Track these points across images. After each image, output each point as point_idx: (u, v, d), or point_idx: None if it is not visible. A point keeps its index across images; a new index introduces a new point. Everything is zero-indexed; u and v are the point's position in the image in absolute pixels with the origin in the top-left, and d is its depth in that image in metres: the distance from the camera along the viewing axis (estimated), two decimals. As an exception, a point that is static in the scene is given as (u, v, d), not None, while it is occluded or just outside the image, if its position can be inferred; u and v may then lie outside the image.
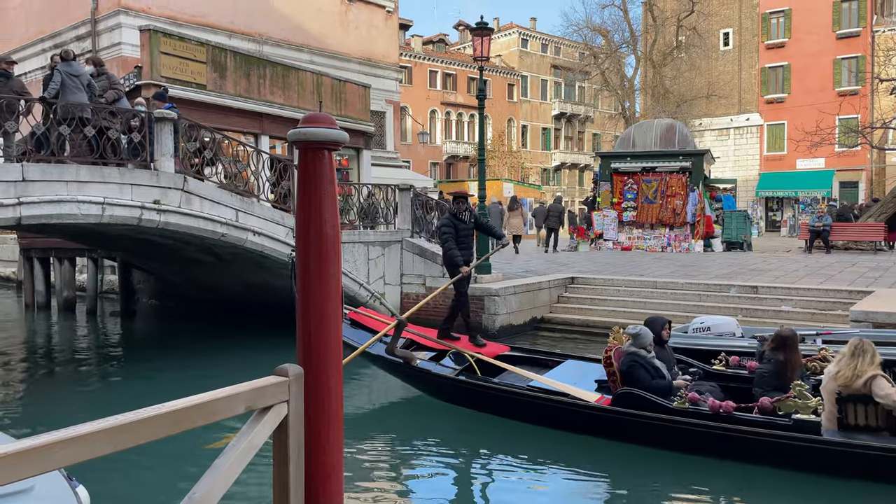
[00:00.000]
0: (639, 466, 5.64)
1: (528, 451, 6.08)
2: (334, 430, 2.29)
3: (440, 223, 8.22)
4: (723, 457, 5.44)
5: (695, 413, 5.53)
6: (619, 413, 5.81)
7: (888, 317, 8.58)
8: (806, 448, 5.11)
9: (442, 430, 6.90)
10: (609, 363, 6.08)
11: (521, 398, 6.43)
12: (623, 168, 21.66)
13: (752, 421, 5.35)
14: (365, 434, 6.87)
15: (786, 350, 5.74)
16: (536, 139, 50.23)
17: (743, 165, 37.44)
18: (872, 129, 28.72)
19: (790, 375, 5.64)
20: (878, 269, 14.43)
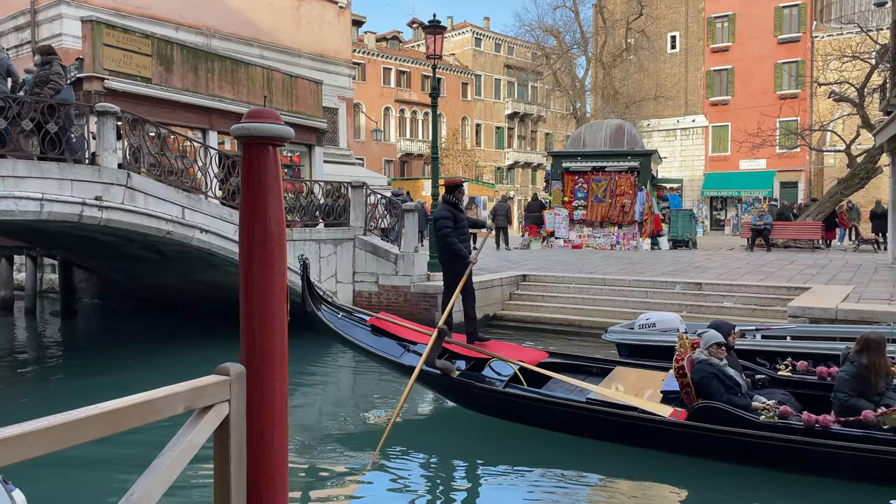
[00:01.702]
0: (720, 483, 5.29)
1: (595, 468, 5.73)
2: (278, 429, 2.27)
3: (438, 215, 7.58)
4: (820, 473, 5.06)
5: (785, 428, 5.11)
6: (699, 429, 5.34)
7: (824, 312, 8.92)
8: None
9: (492, 447, 6.33)
10: (682, 373, 5.59)
11: (584, 412, 5.89)
12: (574, 167, 21.99)
13: (852, 436, 4.92)
14: (413, 453, 6.33)
15: (871, 353, 5.27)
16: (490, 138, 50.53)
17: (689, 166, 38.42)
18: (811, 131, 29.82)
19: (875, 381, 5.28)
20: (816, 267, 15.00)
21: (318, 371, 10.46)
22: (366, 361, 9.93)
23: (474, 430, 6.60)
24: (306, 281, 7.01)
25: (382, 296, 12.63)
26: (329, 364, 11.02)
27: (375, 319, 7.39)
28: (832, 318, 8.72)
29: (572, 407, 5.97)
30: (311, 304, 6.99)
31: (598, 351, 8.87)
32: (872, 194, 27.66)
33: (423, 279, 12.44)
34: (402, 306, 12.32)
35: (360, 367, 10.03)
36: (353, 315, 7.46)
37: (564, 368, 6.90)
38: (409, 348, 7.05)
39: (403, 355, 6.93)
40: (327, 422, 7.48)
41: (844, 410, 5.15)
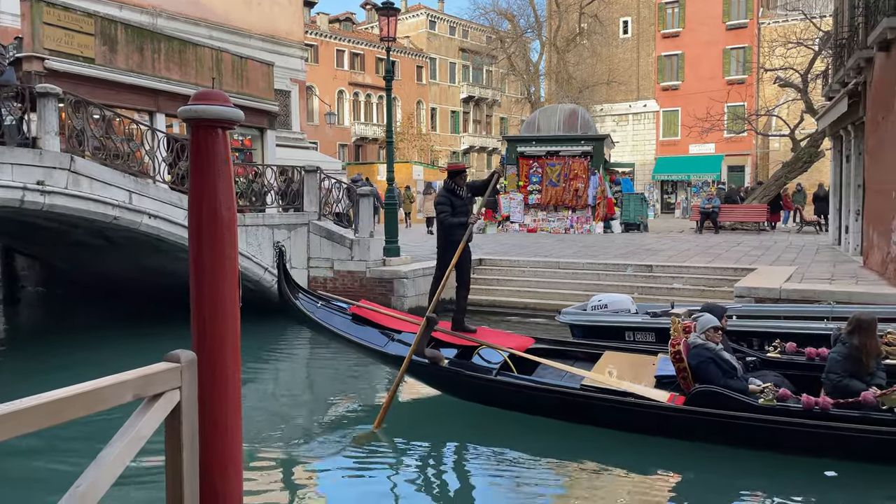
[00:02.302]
0: (719, 467, 5.29)
1: (591, 455, 5.64)
2: (232, 417, 2.24)
3: (437, 201, 7.46)
4: (819, 455, 5.09)
5: (786, 411, 5.13)
6: (698, 413, 5.32)
7: (769, 292, 9.23)
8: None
9: (484, 435, 6.19)
10: (679, 358, 5.54)
11: (579, 399, 5.84)
12: (529, 152, 22.12)
13: (851, 417, 4.96)
14: (398, 443, 6.17)
15: (862, 334, 5.31)
16: (445, 122, 50.41)
17: (640, 150, 39.06)
18: (757, 116, 30.61)
19: (866, 361, 5.32)
20: (761, 248, 15.48)
21: (281, 358, 10.37)
22: (330, 348, 9.88)
23: (464, 418, 6.47)
24: (282, 269, 6.80)
25: (338, 281, 12.54)
26: (292, 351, 10.92)
27: (356, 308, 7.16)
28: (776, 298, 9.04)
29: (566, 393, 5.90)
30: (288, 293, 6.77)
31: (552, 333, 8.98)
32: (815, 178, 28.60)
33: (379, 264, 12.40)
34: (358, 291, 12.26)
35: (324, 353, 9.94)
36: (332, 304, 7.23)
37: (552, 354, 6.79)
38: (394, 337, 6.83)
39: (388, 344, 6.71)
40: (291, 410, 7.29)
41: (837, 391, 5.20)
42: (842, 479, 4.94)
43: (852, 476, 4.95)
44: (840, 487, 4.93)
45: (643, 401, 5.56)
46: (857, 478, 4.96)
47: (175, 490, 1.95)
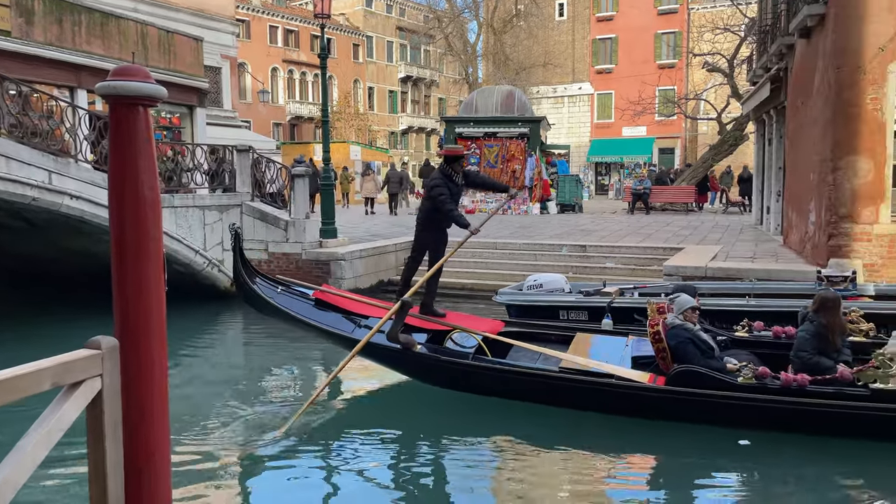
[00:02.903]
0: (699, 445, 5.33)
1: (570, 438, 5.59)
2: (158, 405, 2.18)
3: (433, 182, 7.00)
4: (797, 431, 5.20)
5: (764, 388, 5.21)
6: (679, 393, 5.35)
7: (695, 270, 9.58)
8: (887, 418, 4.95)
9: (460, 422, 6.03)
10: (658, 339, 5.59)
11: (558, 381, 5.78)
12: (467, 133, 22.15)
13: (828, 393, 5.08)
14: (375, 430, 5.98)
15: (827, 312, 5.49)
16: (383, 102, 49.91)
17: (575, 132, 39.70)
18: (687, 100, 31.53)
19: (833, 339, 5.50)
20: (689, 228, 16.03)
21: (215, 343, 10.14)
22: (267, 333, 9.71)
23: (435, 405, 6.30)
24: (239, 253, 6.47)
25: (273, 263, 12.33)
26: (227, 336, 10.70)
27: (320, 293, 6.90)
28: (702, 276, 9.39)
29: (546, 376, 5.84)
30: (246, 278, 6.47)
31: (489, 312, 9.09)
32: (740, 160, 29.71)
33: (316, 246, 12.24)
34: (293, 274, 12.07)
35: (262, 339, 9.77)
36: (293, 289, 6.96)
37: (523, 337, 6.63)
38: (361, 323, 6.58)
39: (355, 330, 6.46)
40: (228, 399, 6.95)
41: (806, 368, 5.32)
42: (755, 446, 5.19)
43: (764, 444, 5.19)
44: (753, 455, 5.17)
45: (623, 382, 5.53)
46: (767, 447, 5.19)
47: (98, 481, 1.89)
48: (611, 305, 7.71)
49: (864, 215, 8.90)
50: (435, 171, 7.25)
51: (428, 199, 6.99)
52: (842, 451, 5.08)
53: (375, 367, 6.93)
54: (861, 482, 4.89)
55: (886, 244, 8.87)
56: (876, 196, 8.83)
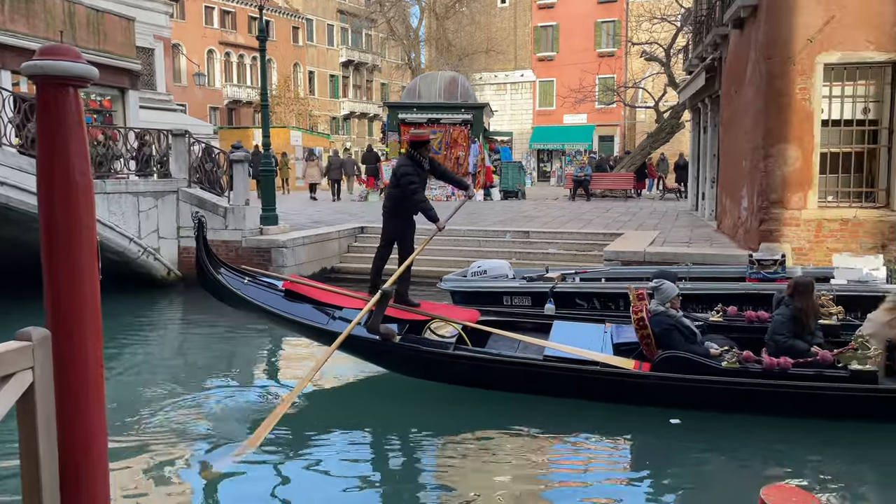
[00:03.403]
0: (684, 431, 5.36)
1: (558, 426, 5.57)
2: (94, 398, 2.11)
3: (403, 170, 6.71)
4: (779, 413, 5.31)
5: (747, 372, 5.32)
6: (665, 378, 5.39)
7: (634, 255, 9.82)
8: (865, 398, 5.13)
9: (443, 414, 5.88)
10: (642, 325, 5.60)
11: (543, 370, 5.73)
12: (410, 119, 22.04)
13: (809, 375, 5.22)
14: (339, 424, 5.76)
15: (803, 296, 5.63)
16: (324, 86, 49.12)
17: (518, 119, 40.01)
18: (625, 88, 32.16)
19: (807, 322, 5.66)
20: (628, 214, 16.41)
21: (154, 334, 9.84)
22: (209, 322, 9.49)
23: (413, 397, 6.12)
24: (202, 242, 6.21)
25: (212, 251, 12.02)
26: (167, 325, 10.40)
27: (290, 283, 6.69)
28: (641, 261, 9.64)
29: (531, 365, 5.79)
30: (210, 268, 6.22)
31: (434, 299, 9.11)
32: (676, 148, 30.53)
33: (256, 233, 12.00)
34: (233, 262, 11.78)
35: (203, 328, 9.56)
36: (259, 279, 6.73)
37: (500, 326, 6.55)
38: (335, 315, 6.37)
39: (331, 322, 6.26)
40: (172, 391, 6.72)
41: (781, 351, 5.44)
42: (686, 424, 5.37)
43: (695, 422, 5.39)
44: (688, 432, 5.35)
45: (609, 369, 5.55)
46: (698, 425, 5.39)
47: (31, 476, 1.82)
48: (553, 290, 7.84)
49: (793, 201, 9.28)
50: (402, 158, 7.03)
51: (396, 186, 6.73)
52: (771, 427, 5.30)
53: (346, 358, 6.78)
54: (792, 457, 5.10)
55: (813, 229, 9.28)
56: (804, 183, 9.22)
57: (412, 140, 6.99)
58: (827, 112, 9.23)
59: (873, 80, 9.15)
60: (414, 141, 6.93)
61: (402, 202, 6.74)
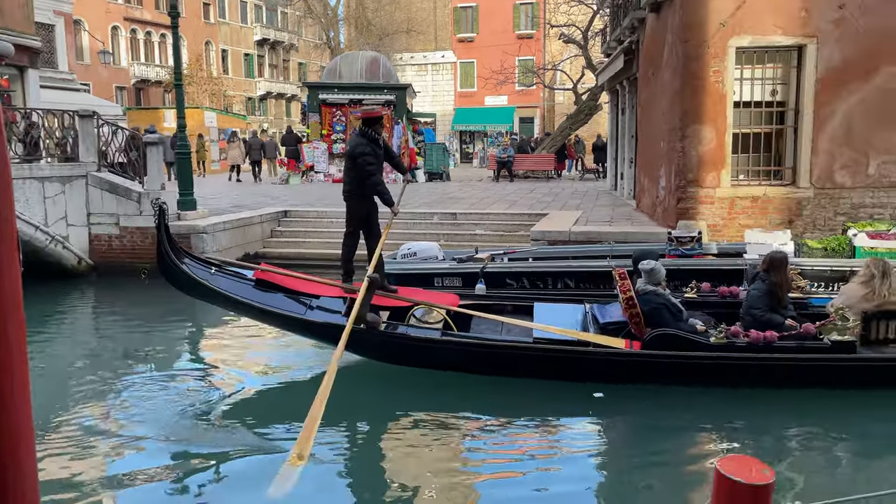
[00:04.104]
0: (675, 407, 5.46)
1: (552, 409, 5.53)
2: (19, 396, 1.94)
3: (359, 150, 6.40)
4: (765, 385, 5.48)
5: (735, 346, 5.44)
6: (657, 356, 5.47)
7: (560, 234, 10.02)
8: (845, 367, 5.37)
9: (426, 400, 5.74)
10: (632, 304, 5.63)
11: (535, 352, 5.71)
12: (331, 99, 21.64)
13: (793, 347, 5.40)
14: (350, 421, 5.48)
15: (776, 271, 5.80)
16: (239, 66, 47.46)
17: (440, 101, 39.94)
18: (544, 70, 32.63)
19: (782, 296, 5.85)
20: (551, 195, 16.71)
21: (76, 326, 9.29)
22: (136, 314, 9.04)
23: (400, 384, 5.93)
24: (165, 229, 5.83)
25: (125, 238, 11.48)
26: (84, 317, 9.85)
27: (261, 273, 6.42)
28: (566, 240, 9.84)
29: (523, 348, 5.75)
30: (173, 257, 5.86)
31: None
32: (594, 129, 31.31)
33: (174, 219, 11.51)
34: (149, 249, 11.31)
35: (129, 319, 9.10)
36: (227, 269, 6.41)
37: (480, 309, 6.50)
38: (312, 304, 6.15)
39: (309, 312, 6.04)
40: (106, 387, 6.40)
41: (758, 325, 5.61)
42: (608, 398, 5.55)
43: (616, 395, 5.57)
44: (607, 405, 5.52)
45: (602, 349, 5.56)
46: (619, 397, 5.57)
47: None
48: (483, 271, 7.91)
49: (707, 180, 9.68)
50: (355, 137, 6.70)
51: (352, 168, 6.48)
52: (740, 401, 5.51)
53: (315, 350, 6.61)
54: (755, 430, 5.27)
55: (727, 206, 9.72)
56: (718, 162, 9.62)
57: (365, 117, 6.72)
58: (738, 94, 9.65)
59: (781, 64, 9.62)
60: (367, 118, 6.67)
61: (361, 183, 6.50)
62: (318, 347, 6.86)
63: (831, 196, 9.54)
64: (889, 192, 9.42)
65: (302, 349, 6.96)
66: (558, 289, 7.81)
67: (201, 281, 5.92)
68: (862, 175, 9.44)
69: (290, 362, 6.95)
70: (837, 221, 9.44)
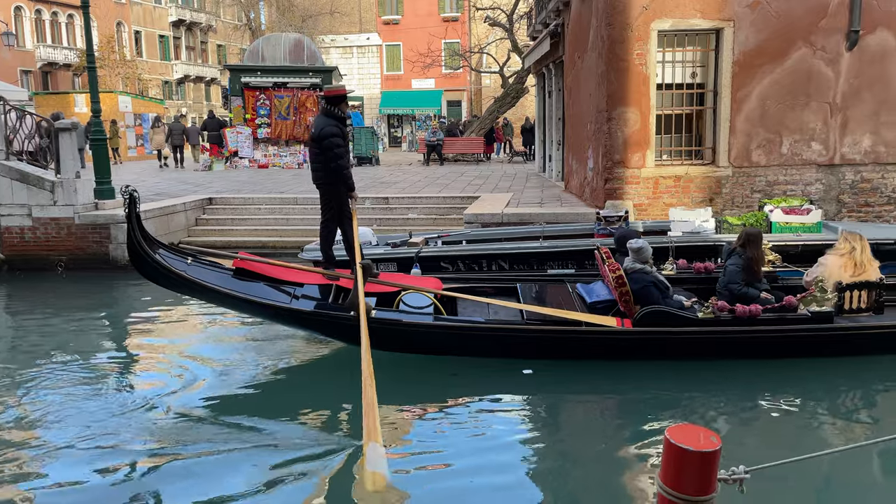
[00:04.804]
0: (666, 381, 5.59)
1: (544, 388, 5.58)
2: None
3: (326, 130, 6.12)
4: (750, 357, 5.69)
5: (721, 320, 5.60)
6: (648, 333, 5.60)
7: (492, 217, 10.09)
8: (823, 336, 5.65)
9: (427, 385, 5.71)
10: (622, 282, 5.70)
11: (528, 333, 5.79)
12: (254, 83, 21.06)
13: (775, 319, 5.61)
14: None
15: (752, 246, 6.03)
16: (154, 48, 45.43)
17: (367, 84, 39.48)
18: (471, 53, 32.67)
19: (757, 270, 6.10)
20: (481, 178, 16.82)
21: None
22: (72, 309, 8.55)
23: (393, 371, 5.78)
24: (136, 219, 5.49)
25: (39, 230, 10.87)
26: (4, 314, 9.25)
27: (240, 262, 6.17)
28: (499, 222, 9.93)
29: (518, 330, 5.80)
30: (146, 249, 5.55)
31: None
32: (521, 112, 31.65)
33: (91, 208, 10.98)
34: (65, 241, 10.79)
35: (39, 313, 8.58)
36: (202, 259, 6.12)
37: (464, 292, 6.42)
38: (298, 293, 6.00)
39: (294, 301, 5.89)
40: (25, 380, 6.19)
41: (736, 299, 5.84)
42: (537, 374, 5.68)
43: (545, 371, 5.70)
44: (538, 381, 5.63)
45: (595, 328, 5.65)
46: (548, 372, 5.71)
47: None
48: (418, 255, 7.88)
49: (633, 161, 9.93)
50: (321, 118, 6.35)
51: (320, 153, 6.23)
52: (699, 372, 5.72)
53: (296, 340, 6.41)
54: (709, 400, 5.46)
55: (651, 186, 10.02)
56: (643, 143, 9.89)
57: (329, 95, 6.37)
58: (661, 76, 9.92)
59: (700, 46, 9.94)
60: (330, 96, 6.33)
61: (337, 172, 6.28)
62: (244, 333, 6.70)
63: (748, 174, 9.97)
64: (801, 169, 9.93)
65: (228, 334, 6.82)
66: (493, 271, 7.88)
67: (178, 272, 5.68)
68: (776, 154, 9.90)
69: (219, 351, 6.79)
70: (754, 198, 9.89)
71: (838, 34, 9.55)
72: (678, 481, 1.94)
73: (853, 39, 9.51)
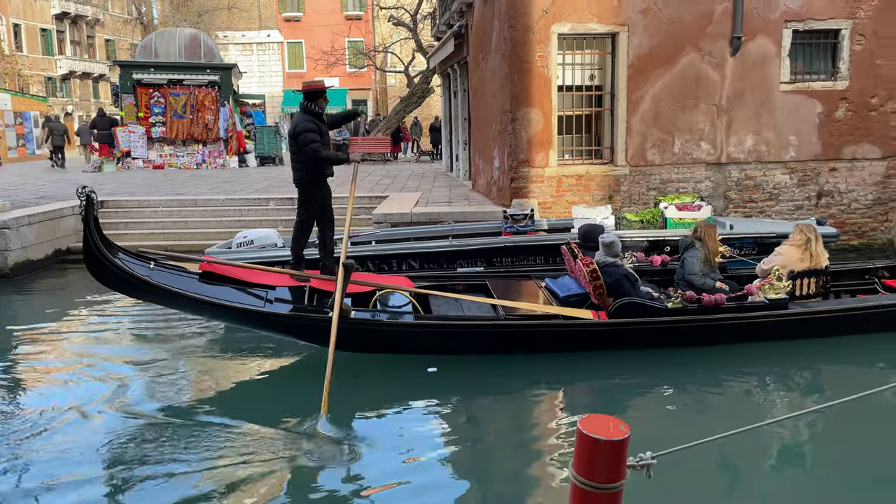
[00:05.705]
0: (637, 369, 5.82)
1: (523, 381, 5.66)
2: None
3: (301, 126, 6.05)
4: (715, 343, 6.04)
5: (689, 310, 5.89)
6: (623, 324, 5.81)
7: (402, 216, 10.08)
8: (779, 322, 6.02)
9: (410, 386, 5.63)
10: (596, 276, 5.89)
11: (507, 329, 5.91)
12: (147, 80, 20.11)
13: (739, 307, 5.97)
14: None
15: (707, 239, 6.42)
16: (35, 42, 42.40)
17: (268, 82, 38.51)
18: (375, 52, 32.49)
19: (713, 261, 6.45)
20: (389, 177, 16.77)
21: None
22: None
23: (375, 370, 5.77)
24: (93, 221, 5.10)
25: None
26: None
27: (207, 265, 5.93)
28: (409, 222, 9.93)
29: (499, 326, 5.90)
30: (105, 254, 5.20)
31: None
32: (428, 111, 31.79)
33: None
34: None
35: None
36: (165, 263, 5.82)
37: (435, 289, 6.53)
38: (270, 296, 5.80)
39: (268, 305, 5.70)
40: None
41: (694, 288, 6.17)
42: (441, 373, 5.75)
43: (450, 369, 5.79)
44: (446, 381, 5.69)
45: (572, 321, 5.84)
46: (453, 371, 5.79)
47: None
48: (328, 256, 7.76)
49: (537, 160, 10.19)
50: (298, 115, 6.28)
51: (298, 151, 6.12)
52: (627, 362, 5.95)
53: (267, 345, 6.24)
54: (630, 391, 5.70)
55: (555, 184, 10.31)
56: (546, 143, 10.16)
57: (307, 90, 6.28)
58: (562, 78, 10.23)
59: (598, 50, 10.32)
60: (309, 91, 6.26)
61: (311, 165, 6.15)
62: (154, 329, 6.40)
63: (644, 173, 10.44)
64: (691, 167, 10.49)
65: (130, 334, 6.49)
66: (403, 270, 7.88)
67: (141, 277, 5.39)
68: (669, 153, 10.42)
69: (134, 352, 6.53)
70: (650, 196, 10.37)
71: (723, 40, 10.16)
72: (590, 470, 2.00)
73: (736, 45, 10.15)
